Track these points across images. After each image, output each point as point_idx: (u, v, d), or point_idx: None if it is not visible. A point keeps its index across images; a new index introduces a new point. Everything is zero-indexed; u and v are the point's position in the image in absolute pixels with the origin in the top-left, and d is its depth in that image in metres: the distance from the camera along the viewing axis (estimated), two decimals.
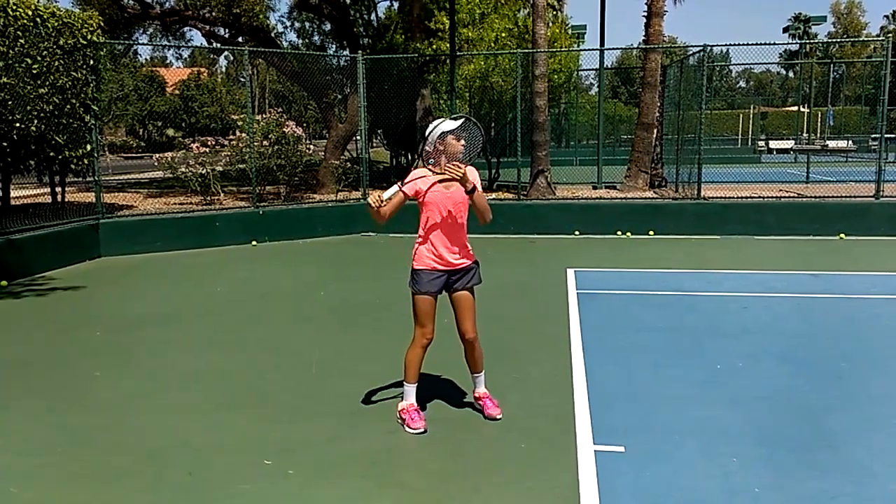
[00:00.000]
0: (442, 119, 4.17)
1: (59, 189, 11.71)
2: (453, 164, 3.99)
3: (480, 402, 4.44)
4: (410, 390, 4.27)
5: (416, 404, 4.27)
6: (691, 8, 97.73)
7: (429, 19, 17.53)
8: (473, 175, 4.11)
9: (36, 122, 9.47)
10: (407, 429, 4.18)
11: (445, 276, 4.18)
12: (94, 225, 10.58)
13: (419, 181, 4.12)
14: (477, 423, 4.32)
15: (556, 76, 19.75)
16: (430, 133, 4.08)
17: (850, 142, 32.44)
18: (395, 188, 4.13)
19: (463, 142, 4.09)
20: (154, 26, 20.18)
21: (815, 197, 12.61)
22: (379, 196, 4.03)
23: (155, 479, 3.69)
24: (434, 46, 16.63)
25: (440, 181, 4.07)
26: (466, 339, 4.28)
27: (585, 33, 33.17)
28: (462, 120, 4.13)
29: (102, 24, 11.02)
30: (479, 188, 4.14)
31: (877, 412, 4.45)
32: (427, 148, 4.13)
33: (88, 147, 10.53)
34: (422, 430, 4.15)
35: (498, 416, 4.34)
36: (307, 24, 24.03)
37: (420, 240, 4.20)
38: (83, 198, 12.16)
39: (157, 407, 4.69)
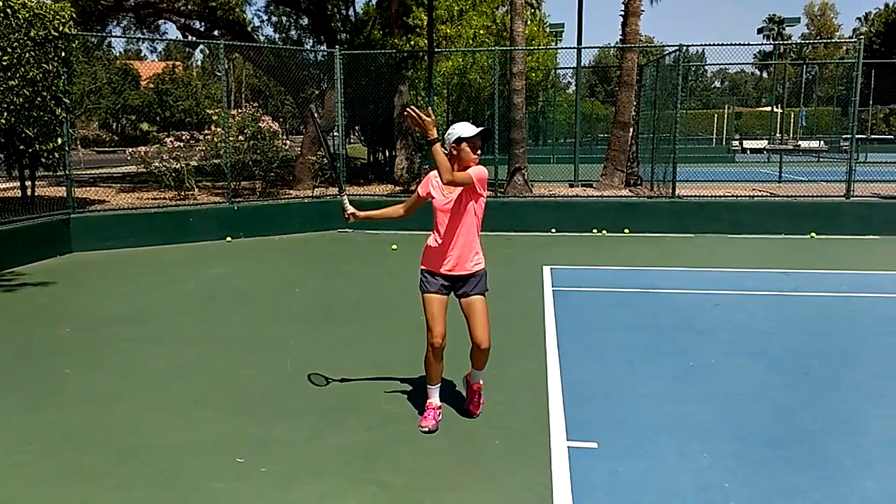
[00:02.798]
0: (461, 123, 4.15)
1: (28, 183, 11.50)
2: (413, 109, 3.92)
3: (468, 393, 4.39)
4: (430, 391, 4.24)
5: (436, 403, 4.23)
6: (668, 8, 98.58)
7: (407, 15, 17.48)
8: (478, 172, 4.00)
9: (6, 114, 9.28)
10: (418, 425, 4.17)
11: (449, 279, 4.13)
12: (64, 220, 10.41)
13: (431, 180, 4.17)
14: (453, 420, 4.32)
15: (533, 74, 19.86)
16: (448, 135, 4.07)
17: (822, 142, 32.95)
18: (344, 198, 4.44)
19: (479, 151, 4.05)
20: (128, 18, 19.90)
21: (788, 196, 12.78)
22: (343, 208, 4.37)
23: (128, 477, 3.65)
24: (412, 43, 16.60)
25: (415, 128, 4.03)
26: (482, 349, 4.15)
27: (563, 32, 33.32)
28: (482, 129, 4.06)
29: (75, 15, 10.84)
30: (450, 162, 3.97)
31: (848, 408, 4.53)
32: (444, 150, 4.08)
33: (59, 140, 10.36)
34: (427, 430, 4.12)
35: (476, 414, 4.34)
36: (284, 19, 23.83)
37: (429, 240, 4.19)
38: (54, 192, 11.95)
39: (130, 405, 4.63)
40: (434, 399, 4.24)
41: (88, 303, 7.60)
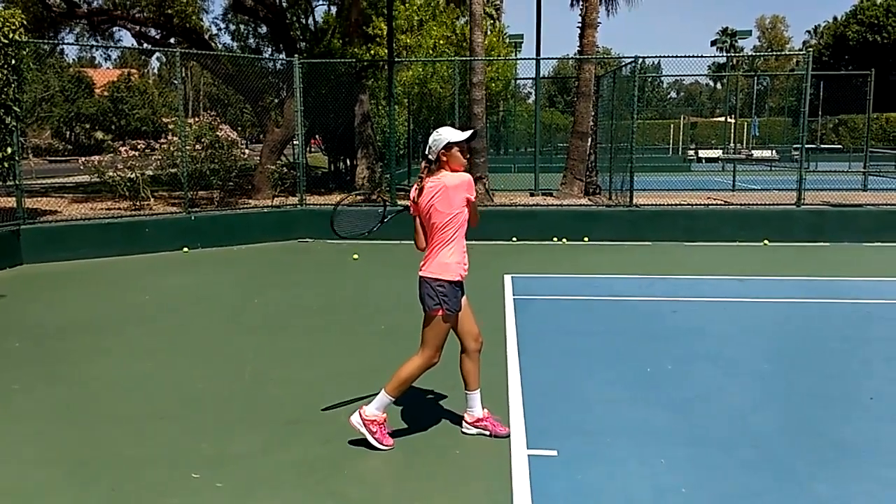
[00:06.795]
0: (446, 127, 3.95)
1: None
2: None
3: (484, 424, 4.18)
4: (389, 402, 4.02)
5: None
6: (624, 20, 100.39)
7: (367, 25, 17.47)
8: (467, 182, 3.90)
9: None
10: (377, 444, 3.97)
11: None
12: (14, 231, 10.13)
13: (466, 188, 3.90)
14: (412, 431, 4.30)
15: (493, 84, 19.96)
16: (433, 142, 3.86)
17: (774, 151, 33.78)
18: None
19: (469, 155, 3.89)
20: (81, 25, 19.50)
21: (741, 204, 13.07)
22: None
23: (79, 493, 3.55)
24: (372, 52, 16.59)
25: None
26: (480, 341, 4.15)
27: (522, 42, 33.64)
28: (471, 131, 3.93)
29: (26, 22, 10.59)
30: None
31: (801, 412, 4.64)
32: (430, 157, 3.89)
33: (9, 150, 10.10)
34: (390, 447, 4.00)
35: (508, 433, 4.15)
36: (242, 27, 23.60)
37: (446, 249, 3.92)
38: (3, 203, 11.62)
39: (82, 418, 4.51)
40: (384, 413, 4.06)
41: (39, 315, 7.39)
